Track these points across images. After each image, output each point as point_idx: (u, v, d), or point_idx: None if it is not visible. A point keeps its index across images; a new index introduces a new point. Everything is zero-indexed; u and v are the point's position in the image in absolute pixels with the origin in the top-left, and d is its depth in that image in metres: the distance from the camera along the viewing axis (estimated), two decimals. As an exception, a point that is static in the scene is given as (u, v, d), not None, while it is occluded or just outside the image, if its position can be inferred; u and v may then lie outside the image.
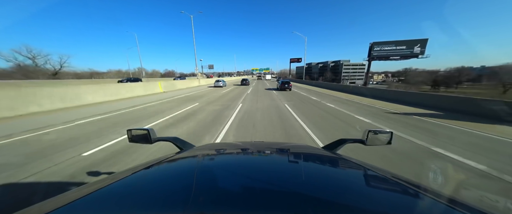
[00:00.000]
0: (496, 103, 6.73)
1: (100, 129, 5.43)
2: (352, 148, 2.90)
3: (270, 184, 0.65)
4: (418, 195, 0.60)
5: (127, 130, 1.28)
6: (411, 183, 0.66)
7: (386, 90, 13.35)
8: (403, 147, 4.00)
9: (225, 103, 10.11)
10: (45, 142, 4.37)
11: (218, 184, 0.64)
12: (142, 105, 9.81)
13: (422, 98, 9.90)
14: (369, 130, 1.19)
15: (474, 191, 2.59)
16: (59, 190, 2.84)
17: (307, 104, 10.05)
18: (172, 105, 9.61)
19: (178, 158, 0.95)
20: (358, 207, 0.51)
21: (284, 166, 0.90)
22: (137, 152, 3.66)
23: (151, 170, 0.77)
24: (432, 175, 2.99)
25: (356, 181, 0.74)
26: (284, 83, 18.83)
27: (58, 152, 3.75)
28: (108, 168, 3.09)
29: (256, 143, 1.45)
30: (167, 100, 11.59)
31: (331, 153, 1.07)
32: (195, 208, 0.47)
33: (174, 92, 16.76)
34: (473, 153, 3.73)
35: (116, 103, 10.27)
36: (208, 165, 0.90)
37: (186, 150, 1.17)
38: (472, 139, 4.64)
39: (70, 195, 0.58)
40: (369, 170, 0.79)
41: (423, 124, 5.98)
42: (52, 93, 8.69)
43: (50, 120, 6.43)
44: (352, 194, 0.60)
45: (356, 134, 4.87)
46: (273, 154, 1.10)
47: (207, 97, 12.94)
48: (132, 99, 11.98)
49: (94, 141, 4.36)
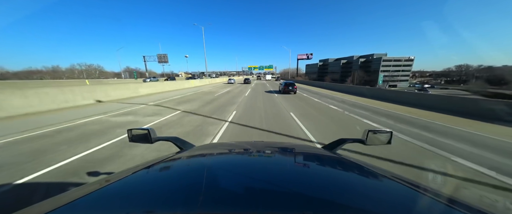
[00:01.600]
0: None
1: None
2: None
3: (270, 184, 0.65)
4: (418, 195, 0.60)
5: (128, 130, 1.28)
6: (411, 183, 0.66)
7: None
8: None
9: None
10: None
11: (218, 184, 0.64)
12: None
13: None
14: (369, 130, 1.18)
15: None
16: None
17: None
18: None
19: (178, 157, 0.95)
20: (358, 207, 0.51)
21: (284, 165, 0.91)
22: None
23: (151, 169, 0.77)
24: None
25: (356, 181, 0.75)
26: (288, 85, 15.67)
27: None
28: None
29: (256, 143, 1.45)
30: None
31: (331, 153, 1.08)
32: (195, 208, 0.48)
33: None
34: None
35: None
36: (208, 164, 0.89)
37: (186, 150, 1.17)
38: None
39: (70, 195, 0.58)
40: (369, 170, 0.79)
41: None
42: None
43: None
44: (352, 194, 0.61)
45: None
46: (273, 154, 1.10)
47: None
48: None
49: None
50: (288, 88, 15.44)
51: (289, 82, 16.13)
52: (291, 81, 17.09)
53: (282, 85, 16.12)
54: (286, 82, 16.68)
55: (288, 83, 15.97)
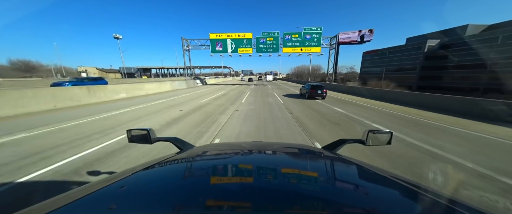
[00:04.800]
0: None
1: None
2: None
3: (270, 184, 0.66)
4: (417, 195, 0.61)
5: (127, 130, 1.28)
6: (410, 183, 0.67)
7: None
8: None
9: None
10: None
11: (218, 184, 0.65)
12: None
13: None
14: (369, 130, 1.19)
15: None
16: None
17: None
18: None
19: (178, 158, 0.95)
20: (357, 207, 0.52)
21: (284, 166, 0.91)
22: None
23: (151, 170, 0.78)
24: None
25: (356, 181, 0.75)
26: (315, 88, 12.88)
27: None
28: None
29: (256, 143, 1.46)
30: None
31: (331, 153, 1.07)
32: (195, 208, 0.48)
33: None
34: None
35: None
36: (207, 165, 0.90)
37: (186, 150, 1.18)
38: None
39: (70, 195, 0.58)
40: (369, 170, 0.80)
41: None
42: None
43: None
44: (352, 194, 0.61)
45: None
46: (273, 155, 1.10)
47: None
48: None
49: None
50: (315, 92, 12.83)
51: (316, 85, 13.26)
52: (319, 84, 13.62)
53: (307, 89, 13.24)
54: (311, 85, 13.41)
55: (315, 86, 13.15)
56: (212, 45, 26.84)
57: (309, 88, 13.08)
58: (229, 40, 26.62)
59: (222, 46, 26.84)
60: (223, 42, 26.71)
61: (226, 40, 26.63)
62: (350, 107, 9.92)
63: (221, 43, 26.75)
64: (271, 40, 26.32)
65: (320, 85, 13.18)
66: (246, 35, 26.45)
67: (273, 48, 26.56)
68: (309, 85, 13.39)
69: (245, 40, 26.59)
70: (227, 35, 26.62)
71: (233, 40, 26.61)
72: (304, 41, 26.05)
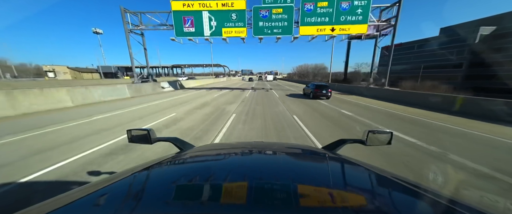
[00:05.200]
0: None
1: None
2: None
3: (270, 184, 0.64)
4: (418, 195, 0.62)
5: (127, 130, 1.30)
6: (410, 183, 0.67)
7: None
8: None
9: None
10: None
11: (218, 184, 0.64)
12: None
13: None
14: (369, 130, 1.20)
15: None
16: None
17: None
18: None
19: (178, 158, 0.97)
20: (358, 207, 0.52)
21: (284, 166, 0.91)
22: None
23: (151, 170, 0.79)
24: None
25: (356, 181, 0.75)
26: (319, 87, 12.67)
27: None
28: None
29: (256, 143, 1.45)
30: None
31: (331, 153, 1.09)
32: (195, 208, 0.49)
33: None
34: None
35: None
36: (208, 165, 0.92)
37: (186, 150, 1.19)
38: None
39: (70, 195, 0.59)
40: (369, 170, 0.81)
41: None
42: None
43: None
44: (352, 194, 0.61)
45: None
46: (273, 155, 1.09)
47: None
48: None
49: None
50: (320, 92, 12.43)
51: (321, 85, 12.88)
52: (324, 84, 13.57)
53: (311, 88, 12.91)
54: (315, 84, 13.15)
55: (319, 85, 12.74)
56: (177, 23, 15.28)
57: (313, 88, 12.97)
58: (206, 13, 15.01)
59: (194, 24, 15.32)
60: (195, 16, 15.11)
61: (200, 13, 15.00)
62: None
63: (192, 18, 15.22)
64: (280, 13, 14.59)
65: (325, 85, 13.17)
66: (236, 3, 14.81)
67: (283, 28, 14.84)
68: (313, 85, 13.37)
69: (233, 13, 14.87)
70: (201, 4, 14.99)
71: (212, 13, 15.01)
72: (338, 14, 14.39)
